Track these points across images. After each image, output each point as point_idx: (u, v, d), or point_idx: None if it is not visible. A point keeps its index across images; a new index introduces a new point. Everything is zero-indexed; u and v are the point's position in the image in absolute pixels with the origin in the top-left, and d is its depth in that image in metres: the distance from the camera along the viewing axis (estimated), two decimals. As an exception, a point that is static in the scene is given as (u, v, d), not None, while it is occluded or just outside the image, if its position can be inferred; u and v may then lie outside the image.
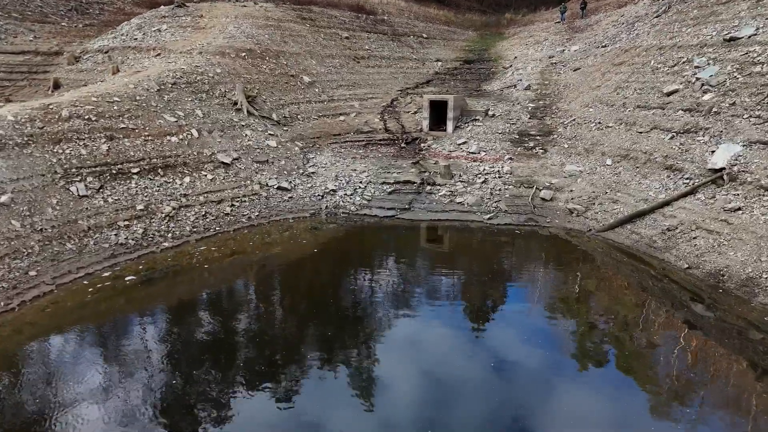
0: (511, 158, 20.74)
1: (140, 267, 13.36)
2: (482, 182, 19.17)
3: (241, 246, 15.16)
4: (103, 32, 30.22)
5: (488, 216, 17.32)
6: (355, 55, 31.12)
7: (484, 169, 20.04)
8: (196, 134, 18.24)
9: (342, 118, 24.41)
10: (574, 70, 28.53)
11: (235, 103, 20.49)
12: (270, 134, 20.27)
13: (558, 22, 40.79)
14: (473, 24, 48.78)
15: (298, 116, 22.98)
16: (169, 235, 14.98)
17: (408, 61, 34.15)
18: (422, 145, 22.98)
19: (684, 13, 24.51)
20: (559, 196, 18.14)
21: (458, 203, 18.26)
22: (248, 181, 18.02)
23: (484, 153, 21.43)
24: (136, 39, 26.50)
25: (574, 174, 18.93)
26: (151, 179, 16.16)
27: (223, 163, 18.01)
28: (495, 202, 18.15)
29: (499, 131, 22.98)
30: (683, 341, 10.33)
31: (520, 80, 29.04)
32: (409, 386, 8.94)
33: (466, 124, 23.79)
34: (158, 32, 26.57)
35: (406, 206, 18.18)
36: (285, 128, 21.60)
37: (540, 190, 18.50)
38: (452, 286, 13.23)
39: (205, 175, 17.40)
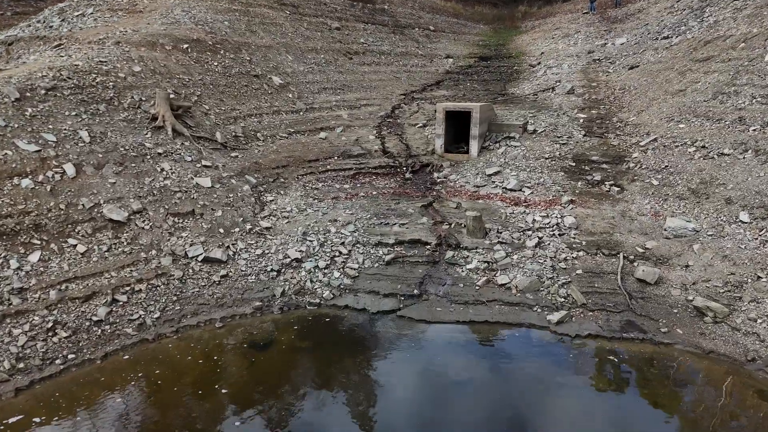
0: (571, 201, 12.75)
1: None
2: (535, 245, 11.21)
3: (95, 403, 7.30)
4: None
5: (556, 317, 9.37)
6: (347, 49, 23.06)
7: (534, 220, 12.07)
8: (71, 172, 10.31)
9: (323, 134, 16.39)
10: (631, 68, 20.44)
11: (154, 118, 12.53)
12: (204, 166, 12.28)
13: (586, 13, 32.86)
14: (484, 17, 40.80)
15: (258, 134, 14.96)
16: (-43, 387, 7.13)
17: (413, 58, 26.07)
18: (435, 175, 14.99)
19: (787, -11, 16.55)
20: (669, 275, 10.16)
21: (500, 287, 10.32)
22: (152, 252, 10.10)
23: (530, 191, 13.43)
24: (51, 26, 18.47)
25: (685, 234, 10.95)
26: (-45, 264, 8.28)
27: (111, 221, 10.09)
28: (561, 284, 10.19)
29: (546, 155, 14.96)
30: None
31: (559, 81, 20.97)
32: None
33: (498, 144, 15.76)
34: (81, 17, 18.52)
35: (415, 291, 10.25)
36: (234, 154, 13.60)
37: (633, 263, 10.54)
38: None
39: (74, 246, 9.49)
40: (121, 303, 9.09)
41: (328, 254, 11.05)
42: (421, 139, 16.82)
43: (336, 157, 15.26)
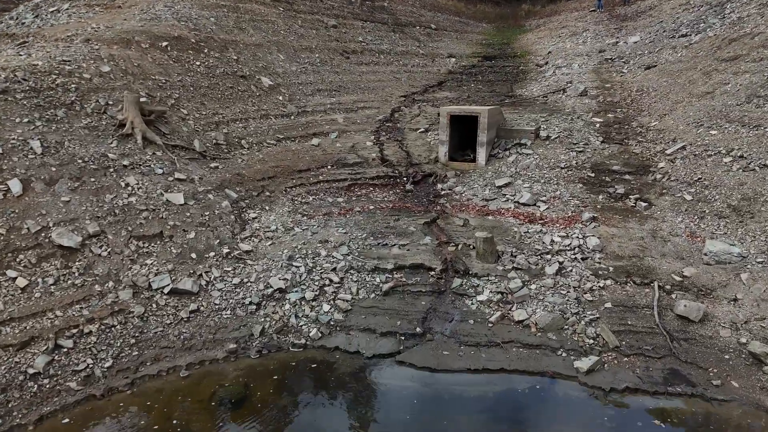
0: (594, 218, 11.12)
1: None
2: (556, 272, 9.57)
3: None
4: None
5: (586, 364, 7.74)
6: (344, 48, 21.43)
7: (553, 241, 10.44)
8: (17, 189, 8.69)
9: (315, 141, 14.74)
10: (647, 68, 18.77)
11: (122, 125, 10.91)
12: (178, 179, 10.65)
13: (593, 11, 31.27)
14: (486, 16, 39.20)
15: (242, 141, 13.32)
16: None
17: (414, 57, 24.43)
18: (439, 186, 13.37)
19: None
20: (715, 311, 8.54)
21: (517, 324, 8.69)
22: (109, 284, 8.48)
23: (546, 206, 11.80)
24: (23, 23, 16.89)
25: (729, 260, 9.32)
26: None
27: (61, 247, 8.47)
28: (589, 321, 8.56)
29: (561, 164, 13.32)
30: None
31: (570, 82, 19.33)
32: None
33: (507, 152, 14.12)
34: (56, 13, 16.90)
35: (417, 329, 8.62)
36: (213, 164, 11.95)
37: (670, 295, 8.91)
38: None
39: (13, 280, 7.87)
40: (65, 350, 7.48)
41: (316, 283, 9.42)
42: (423, 145, 15.19)
43: (329, 167, 13.63)
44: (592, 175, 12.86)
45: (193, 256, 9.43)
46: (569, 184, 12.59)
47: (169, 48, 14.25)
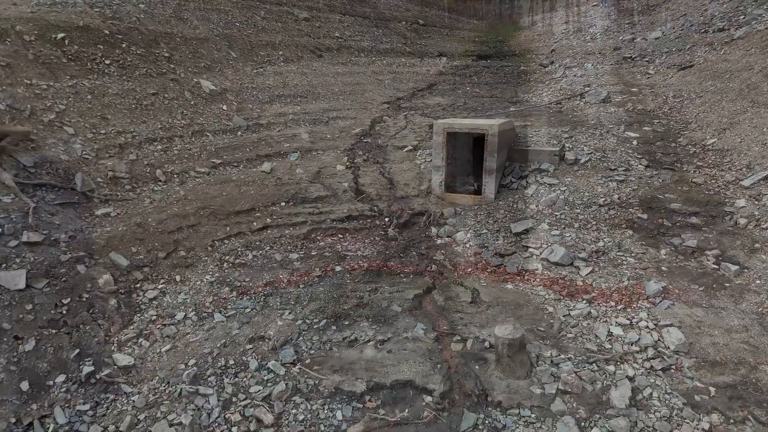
0: (664, 289, 7.23)
1: None
2: (629, 403, 5.67)
3: None
4: None
5: None
6: (316, 45, 17.37)
7: (611, 334, 6.55)
8: None
9: (267, 166, 10.66)
10: (682, 69, 14.97)
11: (-56, 156, 6.80)
12: (26, 243, 6.51)
13: (596, 5, 27.61)
14: (477, 12, 35.47)
15: (157, 172, 9.22)
16: None
17: (399, 56, 20.44)
18: (434, 231, 9.38)
19: None
20: None
21: None
22: None
23: (588, 268, 7.88)
24: None
25: None
26: None
27: None
28: None
29: (600, 200, 9.43)
30: None
31: (588, 86, 15.48)
32: None
33: (524, 181, 10.20)
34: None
35: None
36: (102, 211, 7.85)
37: (830, 452, 5.09)
38: None
39: None
40: None
41: (235, 429, 5.42)
42: (412, 170, 11.21)
43: (283, 203, 9.58)
44: (644, 216, 8.98)
45: (24, 387, 5.36)
46: (614, 230, 8.70)
47: (66, 41, 10.10)
